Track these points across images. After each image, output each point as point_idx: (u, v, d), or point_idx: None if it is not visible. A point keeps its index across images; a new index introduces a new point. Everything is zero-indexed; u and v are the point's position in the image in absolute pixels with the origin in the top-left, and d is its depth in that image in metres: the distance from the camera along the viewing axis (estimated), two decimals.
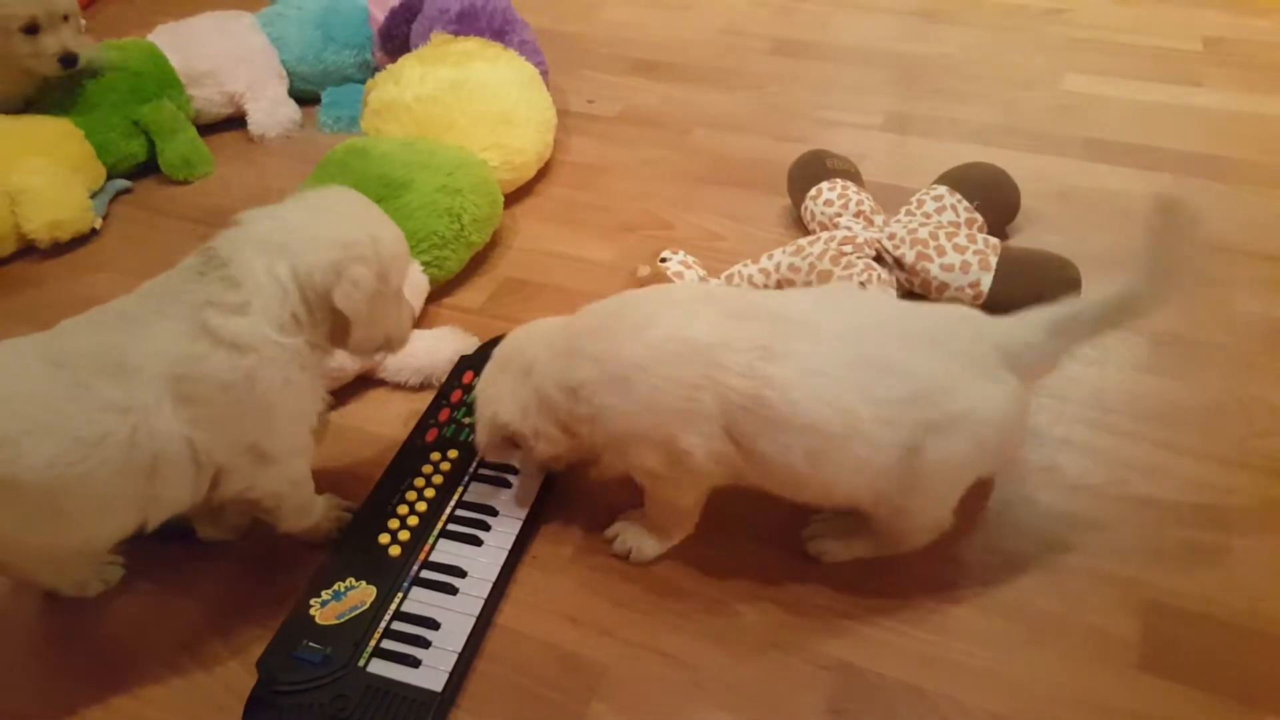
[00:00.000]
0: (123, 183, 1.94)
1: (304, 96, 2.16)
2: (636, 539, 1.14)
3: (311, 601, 1.06)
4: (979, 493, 1.15)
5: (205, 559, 1.17)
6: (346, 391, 1.40)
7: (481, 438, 1.14)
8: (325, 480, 1.21)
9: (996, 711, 0.98)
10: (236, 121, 2.13)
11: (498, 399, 1.11)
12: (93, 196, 1.84)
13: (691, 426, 0.99)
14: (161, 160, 1.96)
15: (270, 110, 2.08)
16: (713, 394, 0.98)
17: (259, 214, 1.03)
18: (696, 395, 0.98)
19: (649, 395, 0.99)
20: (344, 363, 1.33)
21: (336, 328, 1.03)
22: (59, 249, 1.77)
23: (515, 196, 1.83)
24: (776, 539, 1.15)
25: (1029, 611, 1.07)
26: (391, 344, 1.14)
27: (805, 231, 1.65)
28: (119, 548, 1.11)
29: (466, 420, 1.29)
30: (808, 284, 1.45)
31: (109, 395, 0.90)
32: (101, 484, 0.90)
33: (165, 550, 1.17)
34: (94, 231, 1.81)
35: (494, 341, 1.43)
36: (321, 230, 1.01)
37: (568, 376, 1.05)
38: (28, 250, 1.77)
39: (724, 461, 1.01)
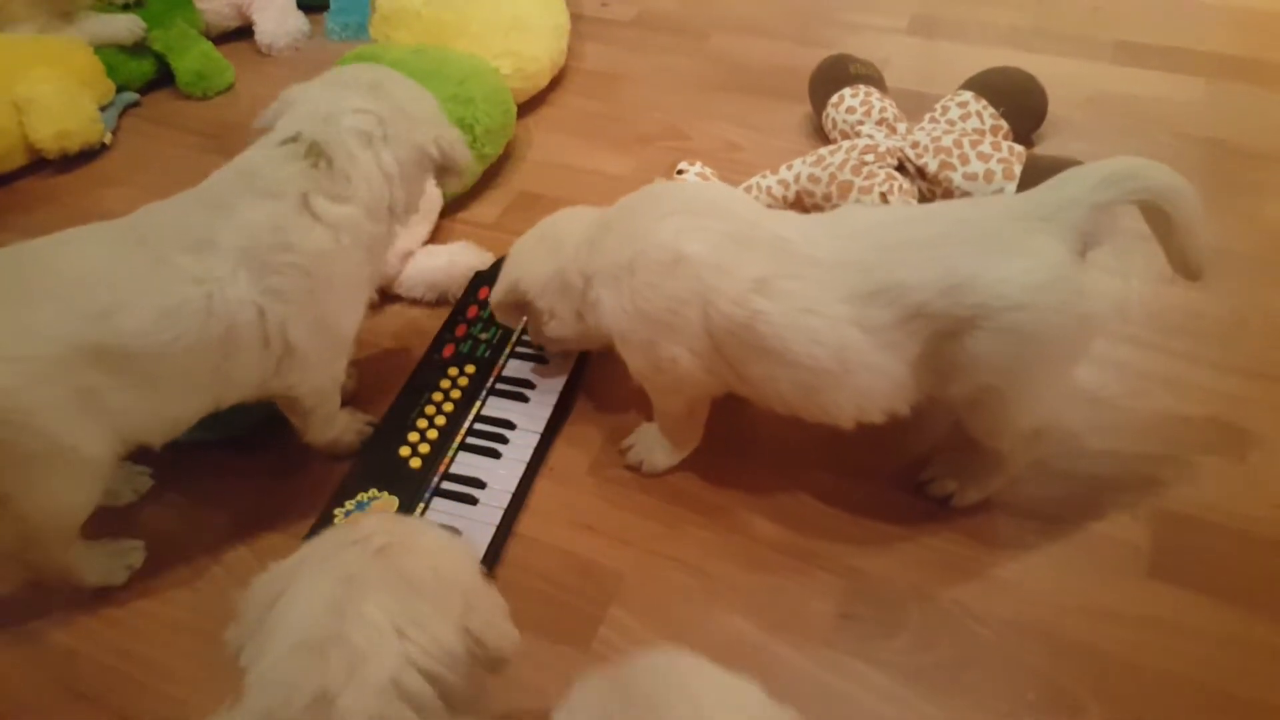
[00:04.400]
0: (131, 95, 1.92)
1: (312, 3, 2.11)
2: (648, 450, 1.16)
3: (336, 511, 1.09)
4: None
5: (232, 473, 1.20)
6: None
7: (497, 295, 1.17)
8: (345, 394, 1.23)
9: (1005, 617, 1.00)
10: (245, 33, 2.09)
11: (526, 266, 1.13)
12: (102, 110, 1.82)
13: (674, 337, 0.99)
14: (177, 78, 1.93)
15: (278, 20, 2.04)
16: (699, 311, 0.97)
17: (330, 102, 1.04)
18: (681, 309, 0.97)
19: (634, 298, 1.00)
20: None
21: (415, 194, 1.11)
22: (70, 163, 1.76)
23: (528, 106, 1.79)
24: (791, 454, 1.17)
25: (1040, 519, 1.08)
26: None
27: (826, 141, 1.62)
28: (146, 458, 1.14)
29: (483, 336, 1.29)
30: (827, 195, 1.43)
31: (187, 267, 0.95)
32: (183, 353, 0.95)
33: (193, 463, 1.20)
34: (104, 146, 1.80)
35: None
36: (410, 111, 1.07)
37: (585, 264, 1.06)
38: (39, 165, 1.76)
39: (715, 374, 1.02)
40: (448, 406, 1.21)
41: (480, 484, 1.13)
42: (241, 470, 1.20)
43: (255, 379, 1.04)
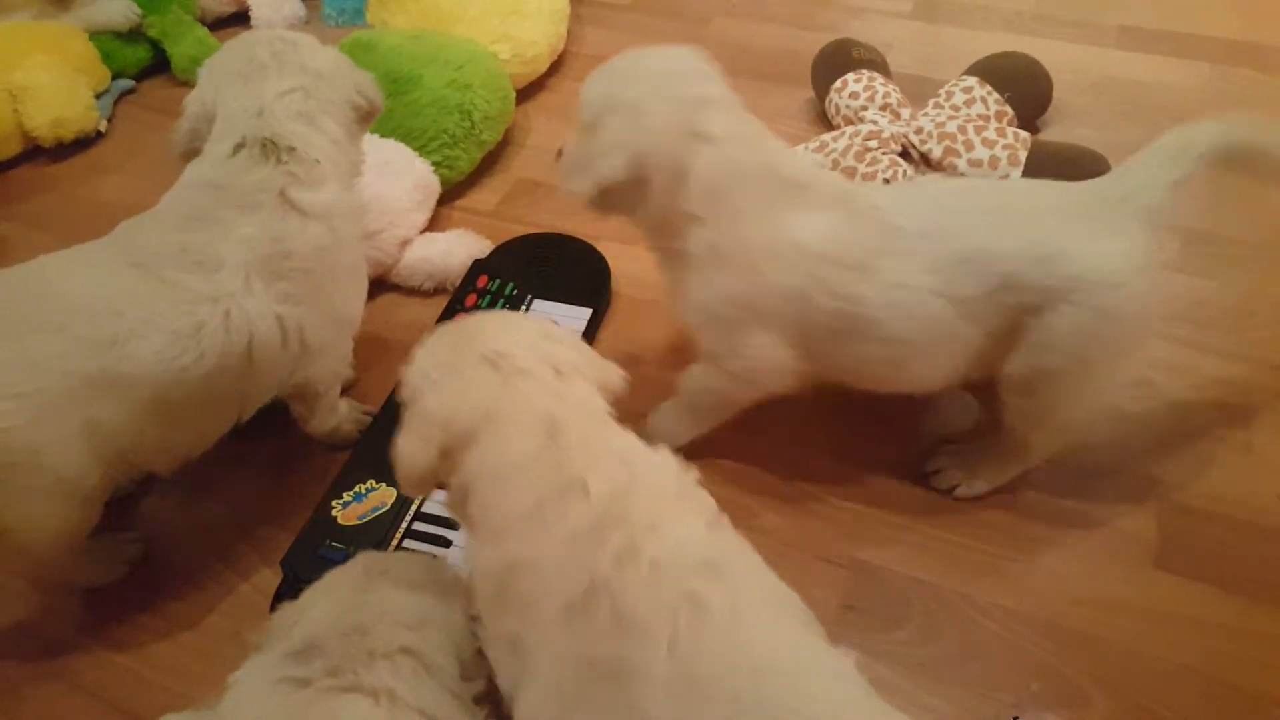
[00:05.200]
0: (127, 83, 1.90)
1: None
2: (663, 422, 1.13)
3: (333, 503, 1.08)
4: None
5: (229, 463, 1.19)
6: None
7: (608, 169, 0.92)
8: (343, 384, 1.22)
9: (1009, 607, 1.00)
10: (240, 18, 2.06)
11: (650, 128, 0.91)
12: (98, 98, 1.80)
13: (771, 326, 0.96)
14: (173, 64, 1.91)
15: (274, 5, 2.02)
16: (797, 310, 0.93)
17: (256, 94, 1.01)
18: (782, 306, 0.94)
19: (749, 289, 0.94)
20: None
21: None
22: (66, 151, 1.74)
23: (527, 92, 1.77)
24: (797, 442, 1.16)
25: (1045, 509, 1.08)
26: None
27: (829, 126, 1.60)
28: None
29: None
30: None
31: (197, 288, 0.93)
32: (204, 375, 0.93)
33: None
34: (99, 134, 1.78)
35: (507, 245, 1.41)
36: (324, 71, 1.05)
37: (715, 200, 0.92)
38: (34, 153, 1.75)
39: (788, 369, 0.99)
40: None
41: None
42: (239, 460, 1.19)
43: (276, 384, 1.04)
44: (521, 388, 0.73)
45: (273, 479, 1.18)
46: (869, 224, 0.93)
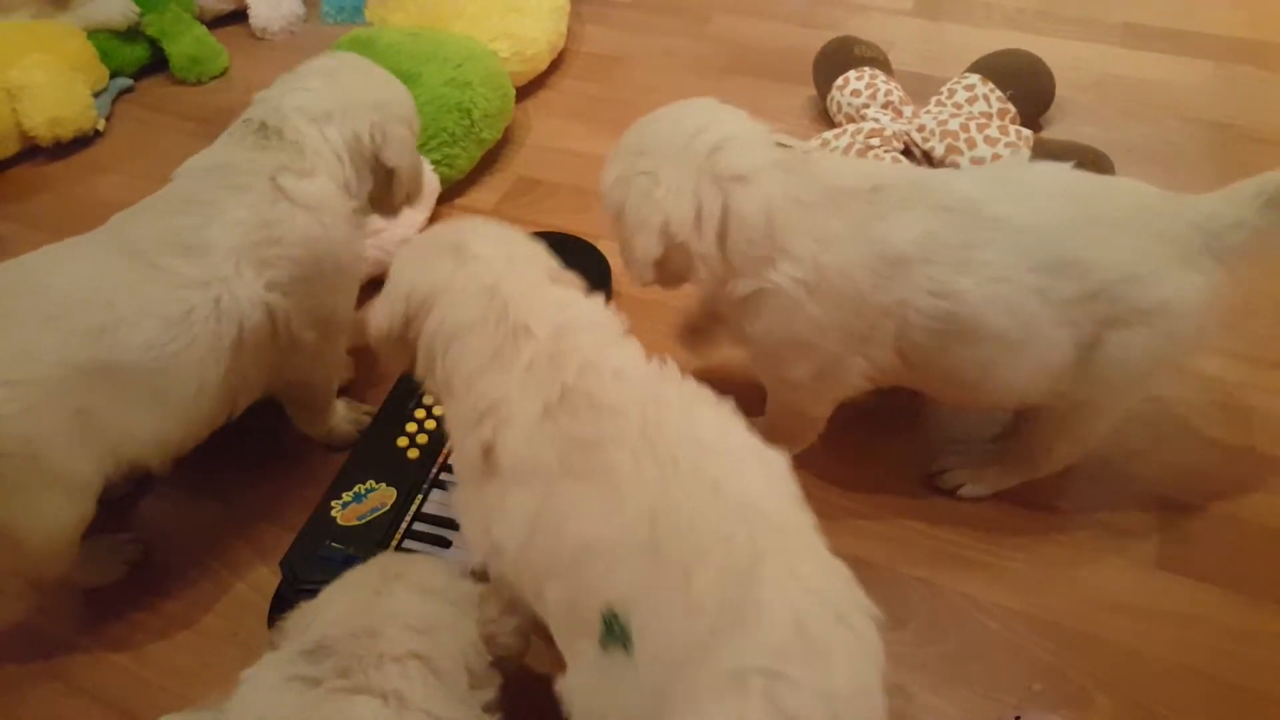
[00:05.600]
0: (125, 81, 1.90)
1: None
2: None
3: (333, 503, 1.08)
4: None
5: (227, 463, 1.18)
6: (360, 295, 1.38)
7: (644, 250, 0.92)
8: (341, 384, 1.22)
9: (1010, 606, 0.99)
10: (239, 16, 2.06)
11: (666, 196, 0.91)
12: (96, 96, 1.80)
13: (864, 348, 0.93)
14: (171, 63, 1.91)
15: (273, 3, 2.02)
16: (898, 320, 0.91)
17: (281, 87, 1.06)
18: (882, 322, 0.91)
19: (845, 315, 0.91)
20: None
21: (377, 188, 1.09)
22: (63, 150, 1.74)
23: (527, 90, 1.77)
24: None
25: (1047, 510, 1.07)
26: (412, 199, 1.16)
27: (830, 124, 1.59)
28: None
29: None
30: None
31: (188, 273, 0.93)
32: (196, 362, 0.93)
33: (188, 456, 1.18)
34: (97, 133, 1.78)
35: None
36: (352, 95, 1.06)
37: (772, 240, 0.90)
38: (32, 153, 1.74)
39: (880, 377, 0.97)
40: None
41: None
42: (237, 461, 1.18)
43: (267, 378, 1.03)
44: (473, 268, 0.83)
45: (271, 479, 1.17)
46: (963, 217, 0.90)
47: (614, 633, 0.64)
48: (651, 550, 0.65)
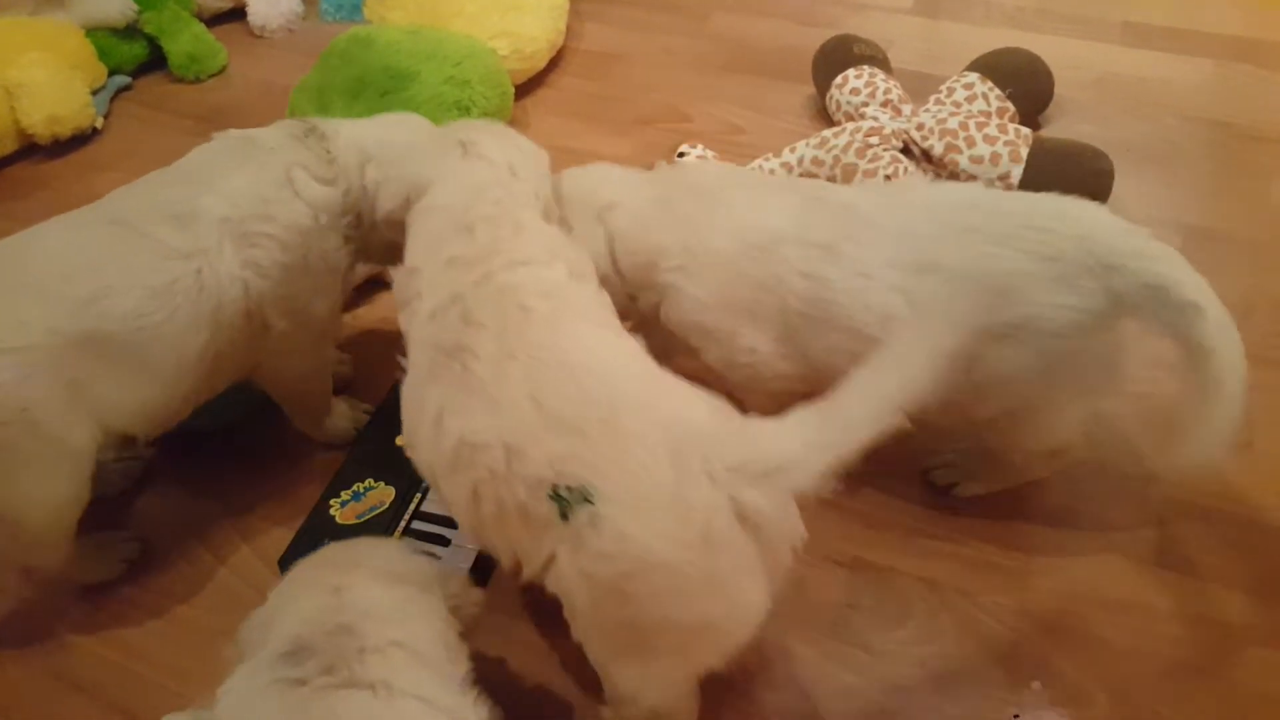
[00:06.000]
0: (124, 79, 1.90)
1: None
2: None
3: (331, 502, 1.08)
4: None
5: (226, 462, 1.19)
6: (358, 294, 1.39)
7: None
8: (340, 382, 1.22)
9: (1010, 606, 0.99)
10: (237, 14, 2.06)
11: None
12: (94, 94, 1.79)
13: (753, 325, 0.96)
14: (169, 61, 1.91)
15: (271, 1, 2.01)
16: (777, 295, 0.94)
17: (352, 124, 1.08)
18: (762, 296, 0.95)
19: (723, 289, 0.96)
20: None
21: (370, 245, 1.07)
22: (62, 149, 1.74)
23: (526, 88, 1.76)
24: None
25: (1045, 508, 1.07)
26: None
27: (830, 123, 1.59)
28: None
29: None
30: (831, 178, 1.41)
31: (172, 242, 0.93)
32: (177, 333, 0.93)
33: (186, 452, 1.18)
34: (95, 131, 1.78)
35: None
36: (409, 169, 1.02)
37: (645, 242, 1.00)
38: (30, 151, 1.74)
39: (790, 361, 0.98)
40: None
41: None
42: (236, 459, 1.18)
43: (242, 359, 1.02)
44: (475, 166, 0.91)
45: (270, 478, 1.17)
46: (834, 210, 0.95)
47: (569, 499, 0.68)
48: (555, 424, 0.70)
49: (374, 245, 1.08)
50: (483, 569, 1.04)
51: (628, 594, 0.68)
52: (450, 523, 1.06)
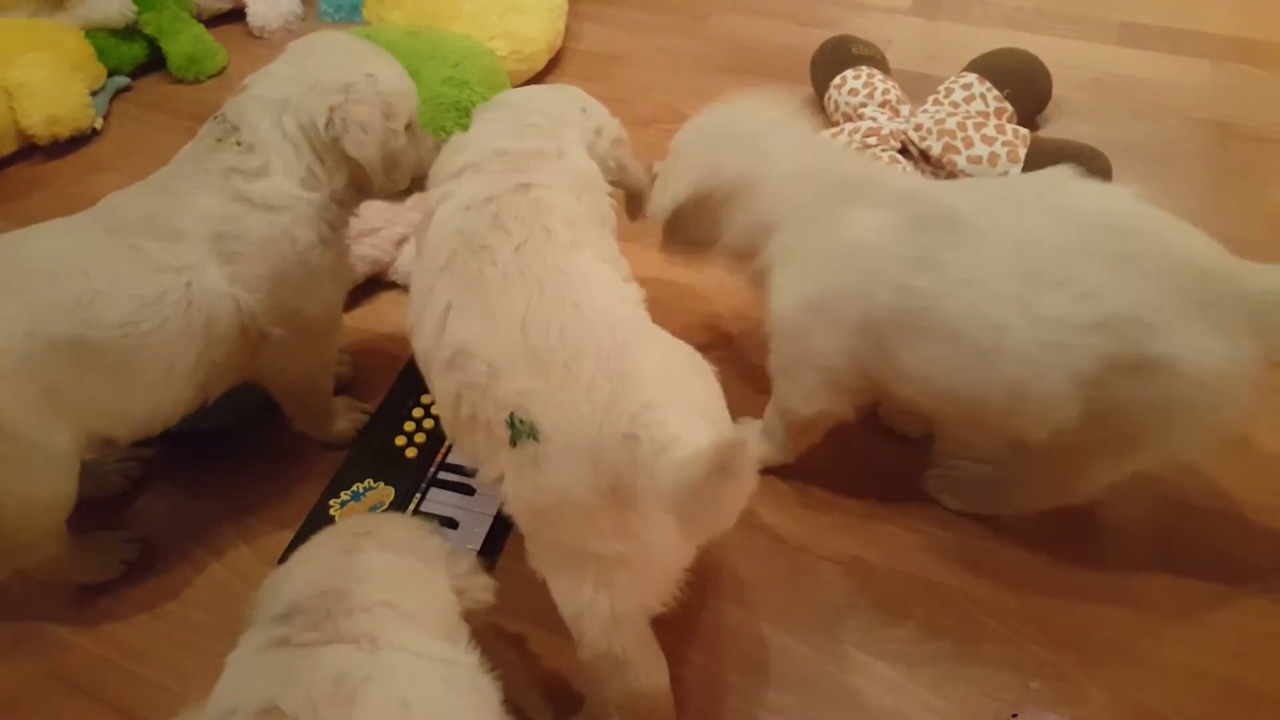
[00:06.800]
0: (123, 80, 1.89)
1: None
2: (755, 440, 1.10)
3: (331, 502, 1.08)
4: None
5: (225, 462, 1.19)
6: (358, 294, 1.39)
7: (674, 193, 1.03)
8: (340, 382, 1.22)
9: (1008, 606, 0.99)
10: (237, 15, 2.06)
11: (709, 164, 1.01)
12: (93, 95, 1.79)
13: (829, 333, 0.93)
14: (169, 62, 1.90)
15: (271, 2, 2.02)
16: (860, 304, 0.90)
17: (258, 74, 1.02)
18: (847, 301, 0.91)
19: (811, 287, 0.93)
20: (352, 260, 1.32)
21: (356, 176, 1.02)
22: (61, 149, 1.74)
23: None
24: None
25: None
26: (422, 183, 1.06)
27: (829, 123, 1.59)
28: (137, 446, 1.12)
29: None
30: None
31: (162, 256, 0.93)
32: (166, 343, 0.93)
33: (186, 453, 1.18)
34: (95, 131, 1.78)
35: None
36: (316, 77, 0.99)
37: (771, 210, 0.97)
38: (30, 151, 1.74)
39: (863, 373, 0.95)
40: None
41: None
42: (235, 460, 1.18)
43: (240, 365, 1.02)
44: (555, 90, 1.02)
45: (270, 478, 1.17)
46: (940, 222, 0.89)
47: (520, 431, 0.74)
48: (530, 355, 0.75)
49: (359, 185, 1.03)
50: None
51: (551, 521, 0.76)
52: (451, 523, 1.06)
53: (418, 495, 1.10)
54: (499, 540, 1.08)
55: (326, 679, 0.65)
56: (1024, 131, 1.41)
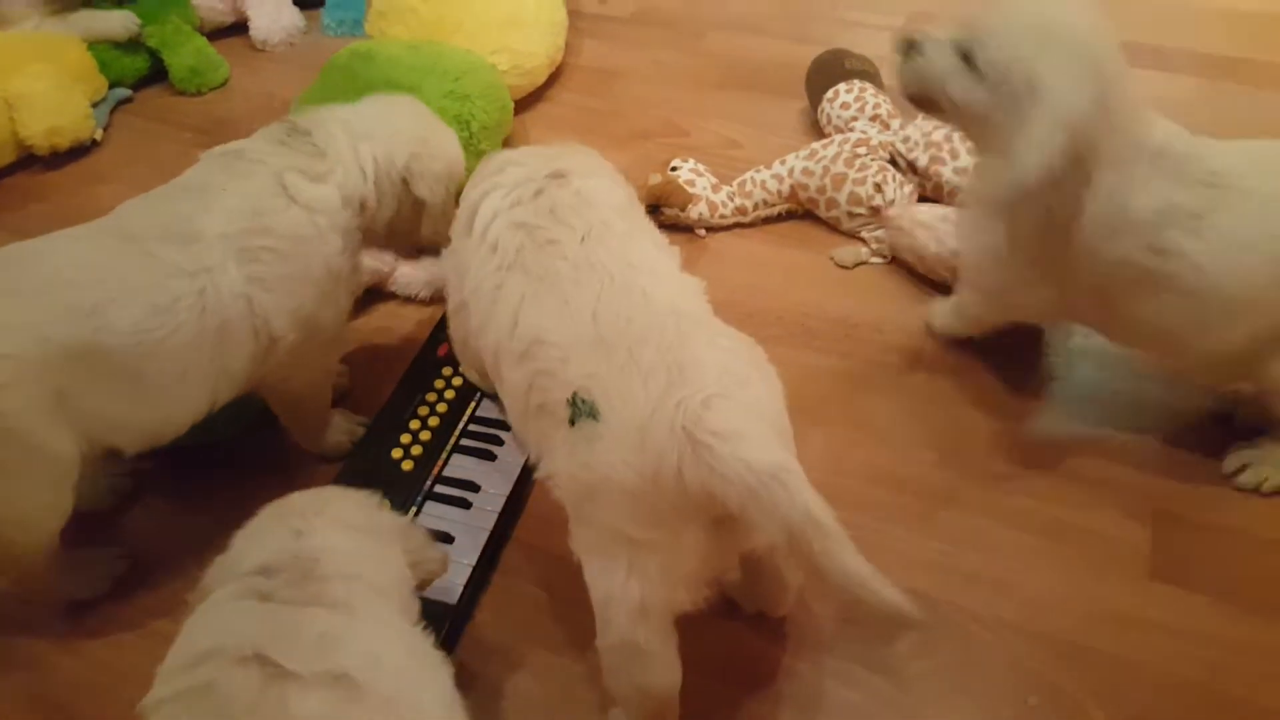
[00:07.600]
0: (124, 91, 1.90)
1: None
2: (941, 315, 1.26)
3: None
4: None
5: (217, 476, 1.18)
6: (356, 305, 1.38)
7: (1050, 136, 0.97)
8: (337, 394, 1.22)
9: (1007, 620, 0.99)
10: (239, 28, 2.06)
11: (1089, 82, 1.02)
12: (94, 106, 1.80)
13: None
14: (171, 74, 1.91)
15: (273, 16, 2.02)
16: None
17: (336, 107, 1.10)
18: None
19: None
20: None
21: (395, 219, 1.09)
22: (60, 160, 1.74)
23: (525, 103, 1.77)
24: None
25: (1040, 520, 1.08)
26: (439, 239, 1.14)
27: (823, 136, 1.60)
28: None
29: None
30: (821, 187, 1.43)
31: (176, 261, 0.94)
32: (179, 350, 0.94)
33: (177, 467, 1.17)
34: (95, 143, 1.78)
35: None
36: (401, 125, 1.10)
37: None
38: (29, 162, 1.74)
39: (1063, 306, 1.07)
40: (441, 407, 1.20)
41: (474, 487, 1.12)
42: (228, 473, 1.17)
43: (248, 371, 1.02)
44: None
45: (264, 492, 1.14)
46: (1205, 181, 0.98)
47: (580, 410, 0.77)
48: (598, 342, 0.79)
49: (391, 226, 1.11)
50: (476, 585, 1.04)
51: (596, 498, 0.78)
52: (447, 537, 1.06)
53: (414, 508, 1.09)
54: (496, 555, 1.07)
55: (310, 637, 0.66)
56: None
